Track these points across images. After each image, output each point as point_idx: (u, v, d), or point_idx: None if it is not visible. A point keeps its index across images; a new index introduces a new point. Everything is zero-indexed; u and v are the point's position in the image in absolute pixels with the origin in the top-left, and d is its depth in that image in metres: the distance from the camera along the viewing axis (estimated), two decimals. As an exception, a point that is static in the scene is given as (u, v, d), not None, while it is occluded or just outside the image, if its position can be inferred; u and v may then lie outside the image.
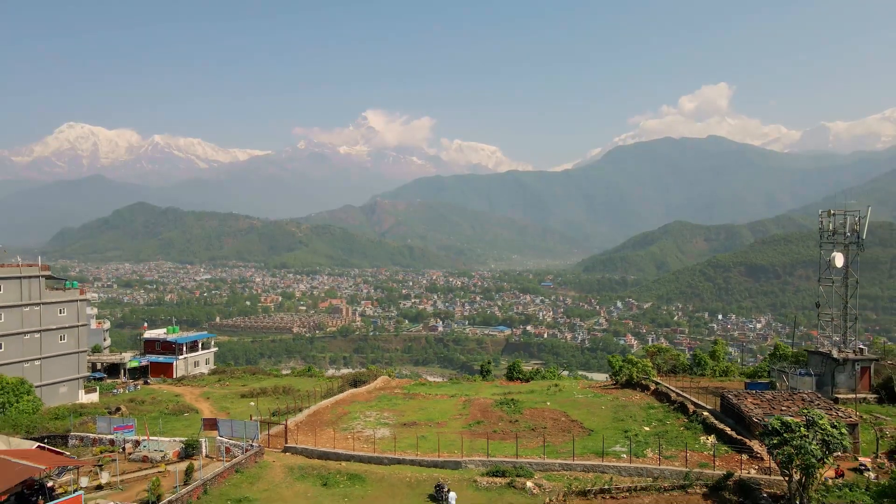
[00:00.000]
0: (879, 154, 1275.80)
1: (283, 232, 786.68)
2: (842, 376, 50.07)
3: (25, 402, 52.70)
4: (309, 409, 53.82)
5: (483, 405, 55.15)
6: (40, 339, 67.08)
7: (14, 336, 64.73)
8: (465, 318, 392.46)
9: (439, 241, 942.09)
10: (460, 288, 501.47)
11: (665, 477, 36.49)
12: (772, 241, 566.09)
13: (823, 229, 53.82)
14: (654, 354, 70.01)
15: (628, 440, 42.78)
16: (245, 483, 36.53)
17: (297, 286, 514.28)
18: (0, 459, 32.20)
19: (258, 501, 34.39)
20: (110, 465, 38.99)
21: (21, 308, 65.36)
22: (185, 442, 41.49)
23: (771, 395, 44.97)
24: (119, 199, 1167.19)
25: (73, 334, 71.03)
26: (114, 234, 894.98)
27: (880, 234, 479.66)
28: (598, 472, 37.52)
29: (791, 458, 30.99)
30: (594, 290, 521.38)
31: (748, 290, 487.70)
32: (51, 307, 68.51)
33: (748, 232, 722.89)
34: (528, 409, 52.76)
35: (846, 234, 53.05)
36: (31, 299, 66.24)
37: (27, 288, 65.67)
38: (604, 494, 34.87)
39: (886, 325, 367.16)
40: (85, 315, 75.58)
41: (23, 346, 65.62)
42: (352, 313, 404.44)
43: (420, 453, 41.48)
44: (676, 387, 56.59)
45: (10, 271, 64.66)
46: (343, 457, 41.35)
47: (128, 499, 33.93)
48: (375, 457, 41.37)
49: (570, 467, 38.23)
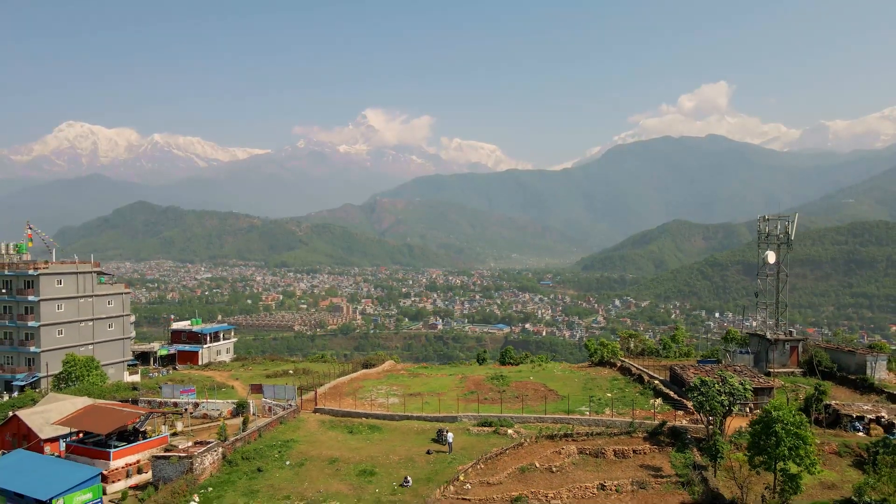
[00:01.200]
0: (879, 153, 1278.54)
1: (283, 231, 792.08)
2: (774, 354, 60.73)
3: (94, 376, 63.24)
4: (329, 384, 64.25)
5: (476, 380, 65.74)
6: (93, 326, 77.86)
7: (72, 324, 75.42)
8: (465, 316, 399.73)
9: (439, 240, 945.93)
10: (460, 286, 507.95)
11: (616, 426, 47.11)
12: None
13: (761, 232, 64.12)
14: (626, 339, 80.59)
15: (592, 402, 53.42)
16: (289, 431, 47.19)
17: (297, 285, 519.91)
18: (110, 407, 42.85)
19: (301, 442, 45.03)
20: (180, 419, 49.60)
21: (77, 300, 76.06)
22: (237, 402, 52.16)
23: (709, 368, 55.60)
24: (119, 197, 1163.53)
25: (119, 323, 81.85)
26: (114, 232, 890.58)
27: (876, 233, 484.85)
28: (565, 423, 48.11)
29: (703, 403, 41.76)
30: (593, 288, 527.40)
31: (745, 289, 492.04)
32: (101, 299, 79.26)
33: (746, 231, 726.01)
34: (514, 382, 63.40)
35: (778, 237, 63.43)
36: (86, 292, 76.92)
37: (82, 282, 76.41)
38: (567, 437, 45.55)
39: (881, 324, 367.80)
40: (128, 306, 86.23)
41: (78, 333, 76.36)
42: (352, 311, 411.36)
43: (424, 413, 52.16)
44: (642, 365, 67.11)
45: (68, 268, 75.32)
46: (362, 415, 51.98)
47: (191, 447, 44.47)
48: (388, 415, 52.08)
49: (543, 420, 48.87)
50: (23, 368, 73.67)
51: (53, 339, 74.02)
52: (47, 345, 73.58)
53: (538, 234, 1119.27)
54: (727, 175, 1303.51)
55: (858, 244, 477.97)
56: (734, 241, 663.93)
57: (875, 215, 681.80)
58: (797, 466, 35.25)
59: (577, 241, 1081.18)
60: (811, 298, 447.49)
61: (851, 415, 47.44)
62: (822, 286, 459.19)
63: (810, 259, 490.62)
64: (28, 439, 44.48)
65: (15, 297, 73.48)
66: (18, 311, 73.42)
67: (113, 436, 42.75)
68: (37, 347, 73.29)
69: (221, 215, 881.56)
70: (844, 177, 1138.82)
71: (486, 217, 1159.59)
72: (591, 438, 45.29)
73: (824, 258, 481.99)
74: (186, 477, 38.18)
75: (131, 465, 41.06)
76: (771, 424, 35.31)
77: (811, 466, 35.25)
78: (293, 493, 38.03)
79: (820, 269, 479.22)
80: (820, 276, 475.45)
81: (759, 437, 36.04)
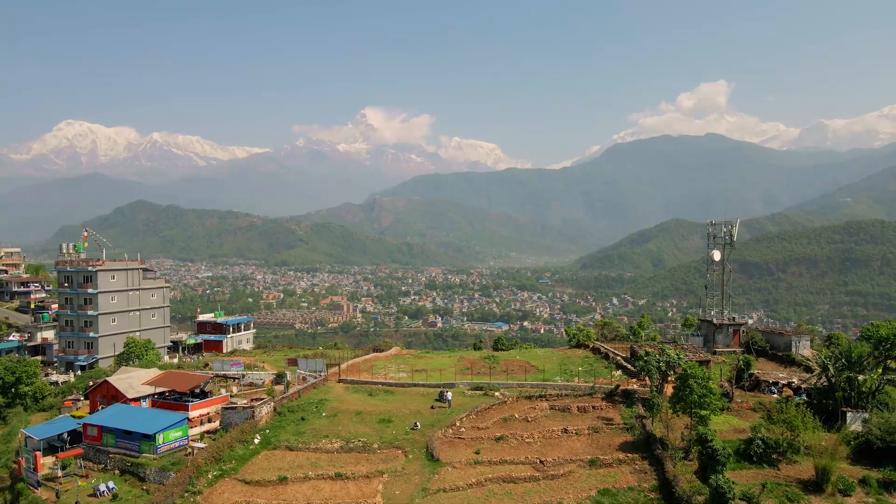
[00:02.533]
0: (877, 151, 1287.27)
1: (283, 230, 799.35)
2: (720, 336, 73.41)
3: (151, 355, 75.75)
4: (347, 363, 76.69)
5: (471, 360, 78.31)
6: (139, 315, 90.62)
7: (123, 313, 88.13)
8: (464, 314, 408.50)
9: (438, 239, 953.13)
10: (459, 285, 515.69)
11: (581, 390, 59.76)
12: (766, 238, 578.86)
13: (710, 235, 76.71)
14: (601, 327, 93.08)
15: (564, 374, 66.11)
16: (321, 393, 59.85)
17: (297, 283, 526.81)
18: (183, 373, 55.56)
19: (332, 401, 57.71)
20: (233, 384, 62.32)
21: (127, 292, 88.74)
22: (276, 373, 64.92)
23: (661, 346, 68.18)
24: (118, 196, 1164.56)
25: (160, 313, 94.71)
26: (115, 231, 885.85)
27: (871, 232, 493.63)
28: (541, 388, 60.75)
29: (643, 368, 54.48)
30: (591, 286, 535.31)
31: (742, 287, 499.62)
32: (146, 292, 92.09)
33: (744, 230, 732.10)
34: (503, 360, 75.92)
35: (724, 239, 76.05)
36: (134, 286, 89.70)
37: (131, 277, 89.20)
38: (541, 398, 58.25)
39: (874, 321, 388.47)
40: (168, 299, 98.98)
41: (128, 321, 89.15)
42: (352, 310, 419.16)
43: (429, 381, 64.86)
44: (612, 347, 79.61)
45: (119, 265, 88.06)
46: (378, 384, 64.65)
47: (249, 403, 57.04)
48: (399, 383, 64.82)
49: (523, 386, 61.56)
50: (83, 351, 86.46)
51: (108, 326, 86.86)
52: (104, 331, 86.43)
53: (537, 232, 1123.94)
54: (726, 174, 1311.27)
55: (854, 243, 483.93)
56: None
57: (872, 214, 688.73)
58: (705, 411, 47.98)
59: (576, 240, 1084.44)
60: (807, 296, 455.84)
61: (769, 381, 60.13)
62: (817, 284, 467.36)
63: (806, 257, 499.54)
64: (116, 399, 57.00)
65: (76, 289, 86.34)
66: (79, 302, 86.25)
67: (188, 394, 55.40)
68: (95, 333, 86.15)
69: (221, 214, 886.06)
70: (843, 176, 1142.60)
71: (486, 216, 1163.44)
72: (560, 398, 57.98)
73: (820, 257, 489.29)
74: (249, 422, 50.83)
75: (204, 416, 53.64)
76: (687, 380, 48.01)
77: (715, 410, 48.00)
78: (330, 433, 50.74)
79: (816, 267, 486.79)
80: (816, 275, 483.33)
81: (679, 389, 48.74)
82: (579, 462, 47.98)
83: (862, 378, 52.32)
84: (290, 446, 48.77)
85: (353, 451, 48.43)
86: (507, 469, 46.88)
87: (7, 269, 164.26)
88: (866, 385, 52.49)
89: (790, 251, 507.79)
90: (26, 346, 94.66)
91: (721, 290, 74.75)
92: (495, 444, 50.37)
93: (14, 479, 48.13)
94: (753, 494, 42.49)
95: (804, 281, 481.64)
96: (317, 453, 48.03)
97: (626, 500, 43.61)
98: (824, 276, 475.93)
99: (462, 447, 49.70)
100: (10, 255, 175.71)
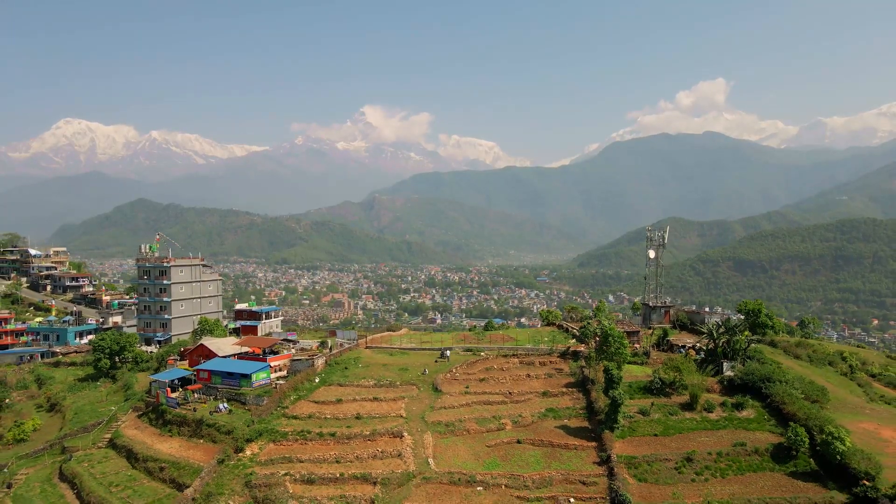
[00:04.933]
0: (874, 150, 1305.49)
1: (283, 228, 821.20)
2: (654, 315, 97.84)
3: (220, 330, 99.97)
4: (369, 337, 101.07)
5: (465, 335, 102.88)
6: (200, 302, 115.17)
7: (189, 300, 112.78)
8: (463, 311, 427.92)
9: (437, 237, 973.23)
10: (458, 282, 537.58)
11: (542, 351, 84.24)
12: (760, 236, 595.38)
13: (648, 238, 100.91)
14: (569, 311, 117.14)
15: (532, 341, 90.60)
16: (355, 354, 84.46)
17: (298, 281, 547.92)
18: (261, 337, 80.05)
19: (364, 358, 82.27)
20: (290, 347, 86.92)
21: (192, 283, 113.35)
22: (321, 340, 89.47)
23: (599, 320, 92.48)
24: (117, 195, 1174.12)
25: (216, 300, 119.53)
26: (115, 230, 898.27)
27: (864, 230, 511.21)
28: (514, 350, 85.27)
29: (584, 334, 79.03)
30: (588, 284, 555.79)
31: (735, 284, 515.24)
32: (205, 283, 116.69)
33: (741, 228, 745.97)
34: (489, 334, 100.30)
35: (657, 240, 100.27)
36: (197, 278, 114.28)
37: (195, 271, 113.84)
38: (513, 356, 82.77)
39: (864, 317, 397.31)
40: (220, 289, 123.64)
41: (192, 306, 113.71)
42: (353, 307, 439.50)
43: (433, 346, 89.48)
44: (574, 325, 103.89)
45: (185, 261, 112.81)
46: (396, 348, 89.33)
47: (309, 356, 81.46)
48: (411, 348, 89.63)
49: (502, 349, 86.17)
50: (159, 329, 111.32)
51: (178, 310, 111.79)
52: (175, 314, 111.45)
53: (536, 230, 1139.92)
54: (723, 172, 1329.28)
55: (846, 241, 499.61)
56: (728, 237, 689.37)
57: (868, 212, 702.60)
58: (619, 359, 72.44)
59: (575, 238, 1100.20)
60: (799, 294, 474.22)
61: (679, 344, 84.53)
62: (810, 282, 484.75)
63: (800, 255, 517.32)
64: (210, 356, 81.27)
65: (153, 281, 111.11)
66: (155, 290, 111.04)
67: (261, 353, 79.91)
68: (168, 315, 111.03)
69: (222, 213, 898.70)
70: (840, 174, 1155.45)
71: (484, 214, 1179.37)
72: (527, 356, 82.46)
73: (813, 254, 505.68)
74: (310, 369, 75.23)
75: (277, 366, 77.91)
76: (607, 336, 72.44)
77: (625, 358, 72.49)
78: (366, 376, 75.29)
79: (809, 265, 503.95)
80: (809, 272, 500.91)
81: (602, 344, 73.23)
82: (535, 393, 72.48)
83: (735, 339, 76.59)
84: (340, 383, 73.20)
85: (383, 386, 72.89)
86: (486, 397, 71.45)
87: (56, 266, 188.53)
88: (738, 345, 76.68)
89: (784, 249, 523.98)
90: (101, 328, 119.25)
91: (655, 280, 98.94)
92: (479, 383, 74.93)
93: (157, 405, 72.36)
94: (646, 408, 67.03)
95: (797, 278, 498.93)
96: (358, 388, 72.43)
97: (563, 414, 68.04)
98: (817, 273, 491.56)
99: (456, 384, 74.25)
100: (57, 253, 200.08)
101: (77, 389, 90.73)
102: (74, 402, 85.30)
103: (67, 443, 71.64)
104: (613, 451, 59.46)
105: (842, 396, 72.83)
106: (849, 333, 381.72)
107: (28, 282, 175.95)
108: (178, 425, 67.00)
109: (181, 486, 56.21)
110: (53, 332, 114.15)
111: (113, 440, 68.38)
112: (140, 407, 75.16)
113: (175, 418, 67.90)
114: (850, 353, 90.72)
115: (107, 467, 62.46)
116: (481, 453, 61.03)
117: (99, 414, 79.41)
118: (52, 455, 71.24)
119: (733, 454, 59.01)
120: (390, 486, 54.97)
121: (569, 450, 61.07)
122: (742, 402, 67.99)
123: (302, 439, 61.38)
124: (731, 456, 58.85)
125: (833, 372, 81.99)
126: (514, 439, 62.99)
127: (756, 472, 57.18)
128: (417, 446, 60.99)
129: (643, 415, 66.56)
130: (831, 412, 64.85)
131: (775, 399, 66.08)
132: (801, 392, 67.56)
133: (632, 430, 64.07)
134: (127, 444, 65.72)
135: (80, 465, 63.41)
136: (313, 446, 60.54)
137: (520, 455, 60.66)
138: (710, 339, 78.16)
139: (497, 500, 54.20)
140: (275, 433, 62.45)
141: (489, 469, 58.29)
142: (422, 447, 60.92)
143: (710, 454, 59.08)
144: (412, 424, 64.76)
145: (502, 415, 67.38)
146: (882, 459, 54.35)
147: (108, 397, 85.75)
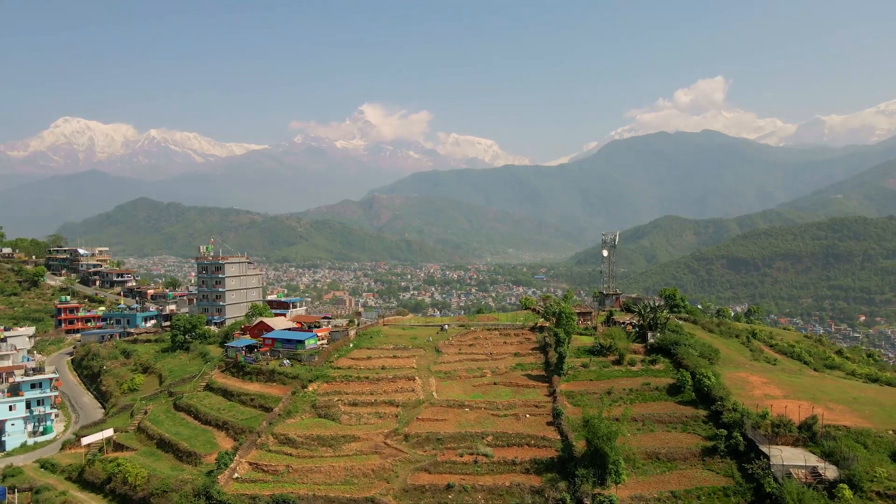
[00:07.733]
0: (871, 148, 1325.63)
1: (283, 227, 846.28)
2: (607, 301, 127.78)
3: (267, 314, 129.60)
4: (384, 319, 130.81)
5: (460, 317, 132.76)
6: (246, 293, 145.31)
7: (237, 291, 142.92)
8: (461, 308, 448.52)
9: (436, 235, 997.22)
10: (457, 280, 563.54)
11: (517, 327, 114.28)
12: (753, 235, 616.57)
13: (603, 240, 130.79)
14: (545, 299, 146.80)
15: (511, 321, 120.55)
16: (376, 329, 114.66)
17: (300, 279, 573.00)
18: (308, 316, 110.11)
19: (384, 331, 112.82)
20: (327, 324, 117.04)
21: (240, 277, 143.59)
22: (348, 318, 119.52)
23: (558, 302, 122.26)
24: (117, 193, 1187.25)
25: (258, 292, 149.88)
26: (116, 229, 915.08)
27: (854, 229, 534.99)
28: (495, 326, 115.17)
29: (545, 312, 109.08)
30: (585, 282, 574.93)
31: (729, 282, 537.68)
32: (250, 277, 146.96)
33: (736, 226, 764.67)
34: (479, 317, 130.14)
35: (610, 242, 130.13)
36: (243, 272, 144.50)
37: (242, 267, 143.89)
38: (495, 329, 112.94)
39: (852, 314, 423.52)
40: (262, 282, 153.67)
41: (240, 295, 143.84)
42: (354, 304, 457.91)
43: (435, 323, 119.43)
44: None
45: (235, 259, 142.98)
46: (406, 325, 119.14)
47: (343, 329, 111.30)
48: (419, 324, 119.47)
49: (486, 325, 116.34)
50: (215, 314, 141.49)
51: (230, 298, 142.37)
52: (228, 301, 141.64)
53: (534, 229, 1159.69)
54: (721, 170, 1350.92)
55: (837, 239, 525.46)
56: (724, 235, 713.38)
57: (863, 211, 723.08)
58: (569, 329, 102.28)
59: (573, 236, 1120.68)
60: (791, 291, 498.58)
61: (620, 321, 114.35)
62: (801, 279, 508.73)
63: (792, 253, 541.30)
64: (268, 330, 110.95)
65: (211, 275, 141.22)
66: (212, 283, 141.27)
67: (310, 325, 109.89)
68: (223, 303, 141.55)
69: (222, 211, 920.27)
70: (837, 172, 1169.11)
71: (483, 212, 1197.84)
72: (505, 330, 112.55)
73: (804, 252, 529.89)
74: (345, 337, 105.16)
75: (321, 336, 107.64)
76: (561, 314, 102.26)
77: (575, 329, 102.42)
78: (386, 343, 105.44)
79: (801, 262, 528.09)
80: (800, 270, 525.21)
81: (559, 319, 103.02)
82: (509, 354, 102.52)
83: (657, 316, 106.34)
84: (368, 347, 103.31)
85: (399, 349, 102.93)
86: (473, 356, 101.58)
87: (101, 264, 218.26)
88: (660, 320, 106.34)
89: (776, 247, 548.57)
90: (161, 314, 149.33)
91: (609, 274, 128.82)
92: (469, 347, 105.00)
93: (236, 362, 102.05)
94: (587, 363, 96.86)
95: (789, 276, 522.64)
96: (381, 350, 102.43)
97: (528, 367, 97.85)
98: (808, 271, 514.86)
99: (452, 348, 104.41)
100: (101, 252, 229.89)
101: (161, 358, 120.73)
102: (164, 366, 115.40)
103: (174, 389, 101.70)
104: (559, 387, 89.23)
105: (732, 357, 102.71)
106: (835, 329, 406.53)
107: (77, 277, 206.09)
108: (255, 375, 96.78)
109: (268, 409, 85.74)
110: (125, 317, 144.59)
111: (209, 385, 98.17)
112: (221, 365, 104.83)
113: (252, 370, 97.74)
114: (760, 331, 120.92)
115: (211, 401, 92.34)
116: (469, 390, 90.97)
117: (188, 371, 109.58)
118: (164, 398, 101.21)
119: (641, 390, 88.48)
120: (408, 407, 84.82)
121: (529, 388, 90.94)
122: (656, 359, 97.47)
123: (345, 380, 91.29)
124: (639, 391, 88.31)
125: (736, 342, 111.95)
126: (492, 382, 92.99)
127: (655, 401, 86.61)
128: (425, 385, 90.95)
129: (584, 367, 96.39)
130: (719, 367, 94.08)
131: (678, 356, 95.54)
132: (697, 352, 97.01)
133: (574, 377, 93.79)
134: (221, 386, 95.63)
135: (190, 400, 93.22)
136: (354, 385, 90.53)
137: (495, 391, 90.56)
138: (639, 317, 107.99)
139: (478, 416, 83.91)
140: (326, 377, 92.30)
141: (474, 399, 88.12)
142: (428, 386, 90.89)
143: (625, 390, 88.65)
144: (421, 373, 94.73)
145: (484, 367, 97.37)
146: (740, 392, 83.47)
147: (190, 362, 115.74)
